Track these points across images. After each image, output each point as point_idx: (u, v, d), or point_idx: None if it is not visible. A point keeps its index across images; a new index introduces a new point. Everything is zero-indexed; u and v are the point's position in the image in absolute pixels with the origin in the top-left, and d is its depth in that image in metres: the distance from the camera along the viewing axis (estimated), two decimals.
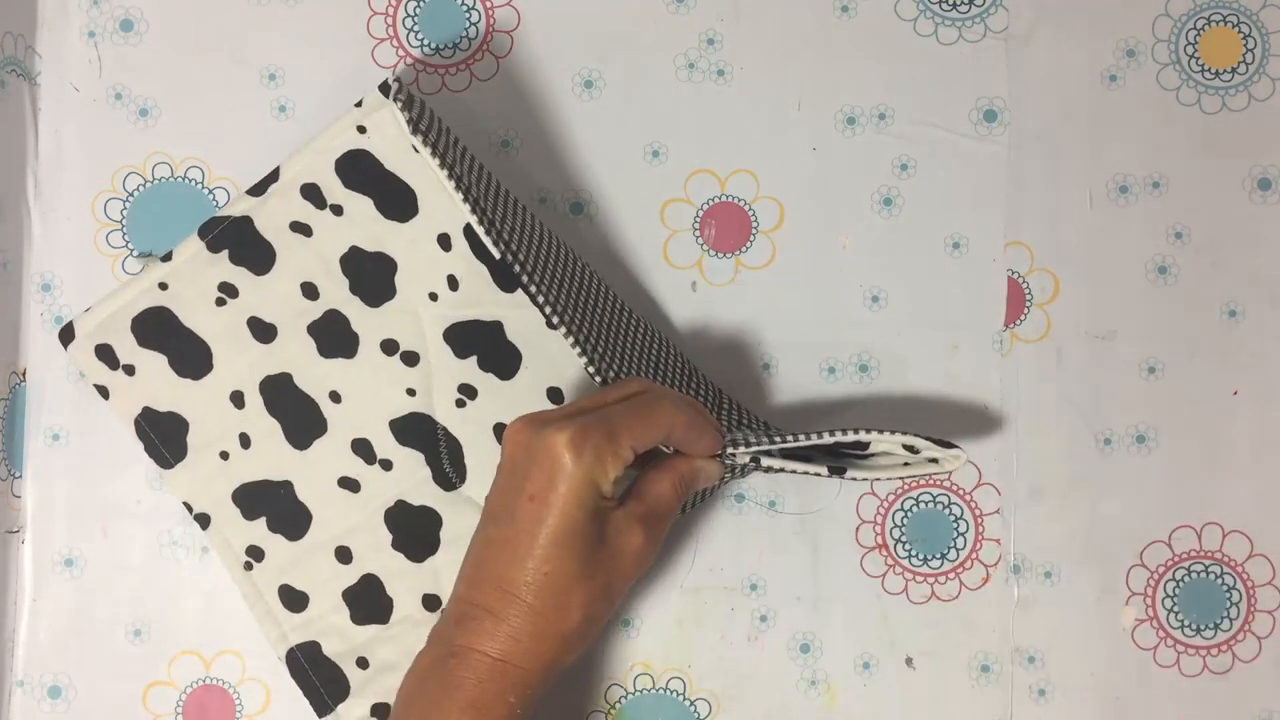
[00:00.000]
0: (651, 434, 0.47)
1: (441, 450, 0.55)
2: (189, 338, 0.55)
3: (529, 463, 0.46)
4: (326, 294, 0.55)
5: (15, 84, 0.57)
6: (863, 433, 0.50)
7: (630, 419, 0.47)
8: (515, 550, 0.46)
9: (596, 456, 0.45)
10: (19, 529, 0.57)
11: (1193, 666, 0.57)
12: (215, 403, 0.55)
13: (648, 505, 0.48)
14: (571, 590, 0.46)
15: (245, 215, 0.55)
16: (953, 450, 0.50)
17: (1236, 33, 0.58)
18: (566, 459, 0.45)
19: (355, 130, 0.54)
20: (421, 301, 0.54)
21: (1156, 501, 0.57)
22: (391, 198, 0.54)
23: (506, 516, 0.47)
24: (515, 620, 0.46)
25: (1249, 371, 0.57)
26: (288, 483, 0.55)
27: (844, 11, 0.58)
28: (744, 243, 0.58)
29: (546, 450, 0.46)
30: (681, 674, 0.57)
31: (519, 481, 0.46)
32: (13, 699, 0.57)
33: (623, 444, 0.46)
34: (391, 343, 0.55)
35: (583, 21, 0.58)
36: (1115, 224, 0.58)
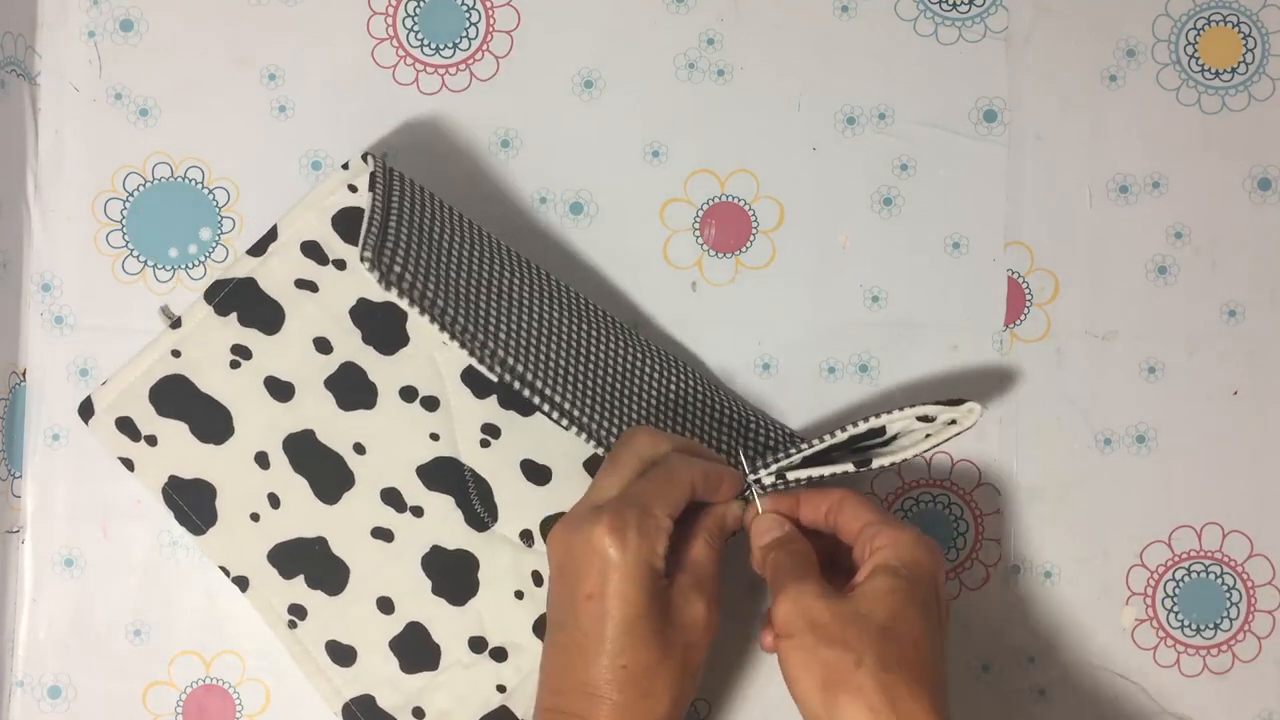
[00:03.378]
0: (679, 496, 0.48)
1: (471, 492, 0.54)
2: (208, 403, 0.54)
3: (577, 563, 0.46)
4: (340, 347, 0.54)
5: (15, 84, 0.57)
6: (874, 419, 0.50)
7: (658, 490, 0.47)
8: (586, 652, 0.46)
9: (640, 537, 0.46)
10: (19, 529, 0.57)
11: (1193, 666, 0.57)
12: (240, 465, 0.54)
13: (694, 573, 0.48)
14: (653, 677, 0.46)
15: (249, 276, 0.54)
16: (966, 404, 0.50)
17: (1236, 33, 0.58)
18: (612, 551, 0.45)
19: (346, 189, 0.54)
20: (435, 346, 0.54)
21: (1156, 501, 0.57)
22: None
23: (571, 621, 0.47)
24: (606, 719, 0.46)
25: (1249, 371, 0.57)
26: (321, 538, 0.54)
27: (844, 11, 0.58)
28: (744, 243, 0.58)
29: (590, 547, 0.46)
30: None
31: (572, 584, 0.46)
32: (13, 699, 0.57)
33: (660, 517, 0.46)
34: (410, 389, 0.54)
35: (583, 21, 0.58)
36: (1115, 224, 0.58)
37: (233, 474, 0.54)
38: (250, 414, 0.54)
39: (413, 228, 0.51)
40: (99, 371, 0.57)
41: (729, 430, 0.55)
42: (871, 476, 0.56)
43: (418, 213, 0.52)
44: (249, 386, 0.54)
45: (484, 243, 0.54)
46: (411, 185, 0.53)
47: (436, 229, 0.53)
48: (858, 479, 0.55)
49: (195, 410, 0.54)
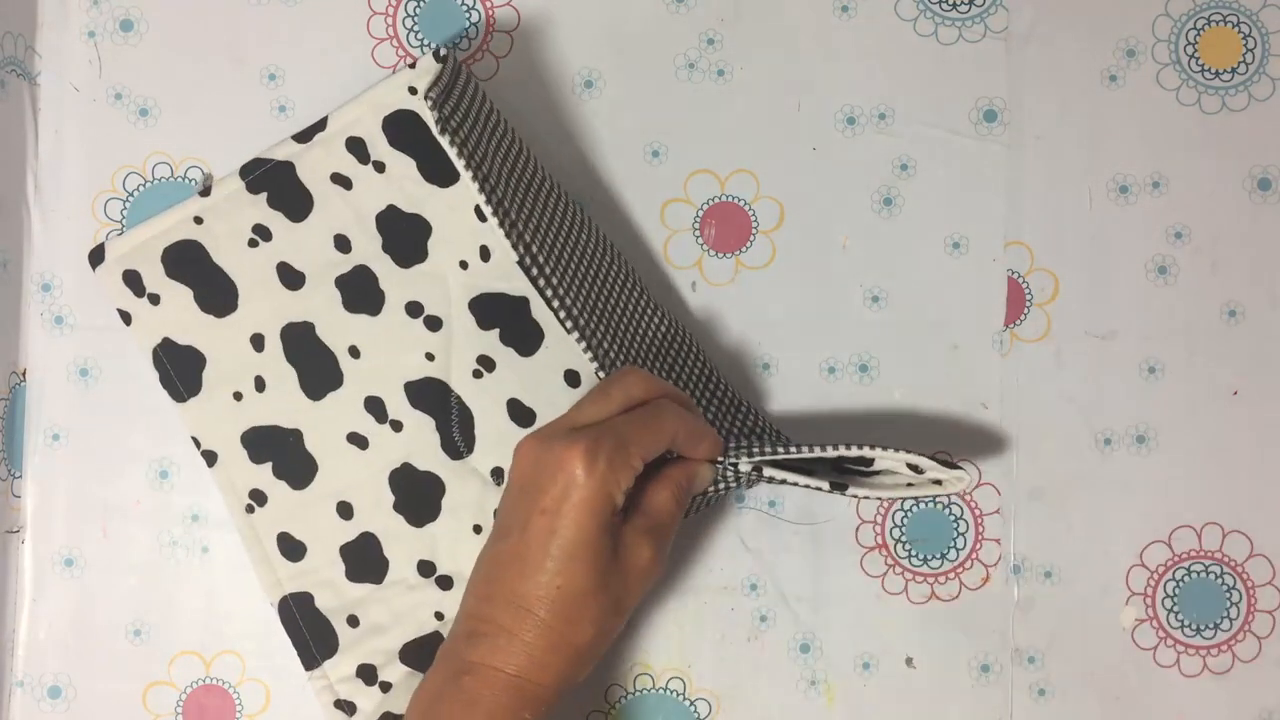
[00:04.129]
0: (659, 443, 0.48)
1: (453, 418, 0.55)
2: (217, 274, 0.55)
3: (540, 476, 0.46)
4: (358, 249, 0.55)
5: (15, 84, 0.57)
6: (867, 449, 0.50)
7: (638, 429, 0.47)
8: (526, 564, 0.46)
9: (610, 468, 0.46)
10: (19, 529, 0.57)
11: (1193, 666, 0.57)
12: (235, 342, 0.55)
13: (652, 518, 0.48)
14: (584, 604, 0.46)
15: (288, 160, 0.55)
16: (957, 471, 0.50)
17: (1236, 33, 0.58)
18: (579, 471, 0.45)
19: (406, 91, 0.54)
20: (451, 268, 0.55)
21: (1156, 501, 0.57)
22: (434, 163, 0.54)
23: (518, 531, 0.47)
24: (529, 635, 0.46)
25: (1249, 371, 0.57)
26: (297, 431, 0.55)
27: (844, 11, 0.58)
28: (744, 243, 0.58)
29: (559, 463, 0.46)
30: (681, 674, 0.57)
31: (531, 496, 0.46)
32: (13, 699, 0.57)
33: (633, 455, 0.46)
34: (416, 305, 0.55)
35: (583, 21, 0.58)
36: (1115, 224, 0.58)
37: (226, 349, 0.55)
38: (256, 295, 0.55)
39: (472, 104, 0.52)
40: (99, 371, 0.57)
41: (719, 403, 0.55)
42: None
43: (479, 101, 0.53)
44: (261, 268, 0.55)
45: (530, 155, 0.55)
46: (476, 84, 0.54)
47: (492, 121, 0.53)
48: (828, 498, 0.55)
49: (203, 279, 0.55)
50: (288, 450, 0.55)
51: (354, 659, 0.54)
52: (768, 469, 0.50)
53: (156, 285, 0.55)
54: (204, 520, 0.57)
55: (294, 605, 0.55)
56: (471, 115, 0.52)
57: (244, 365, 0.55)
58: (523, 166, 0.54)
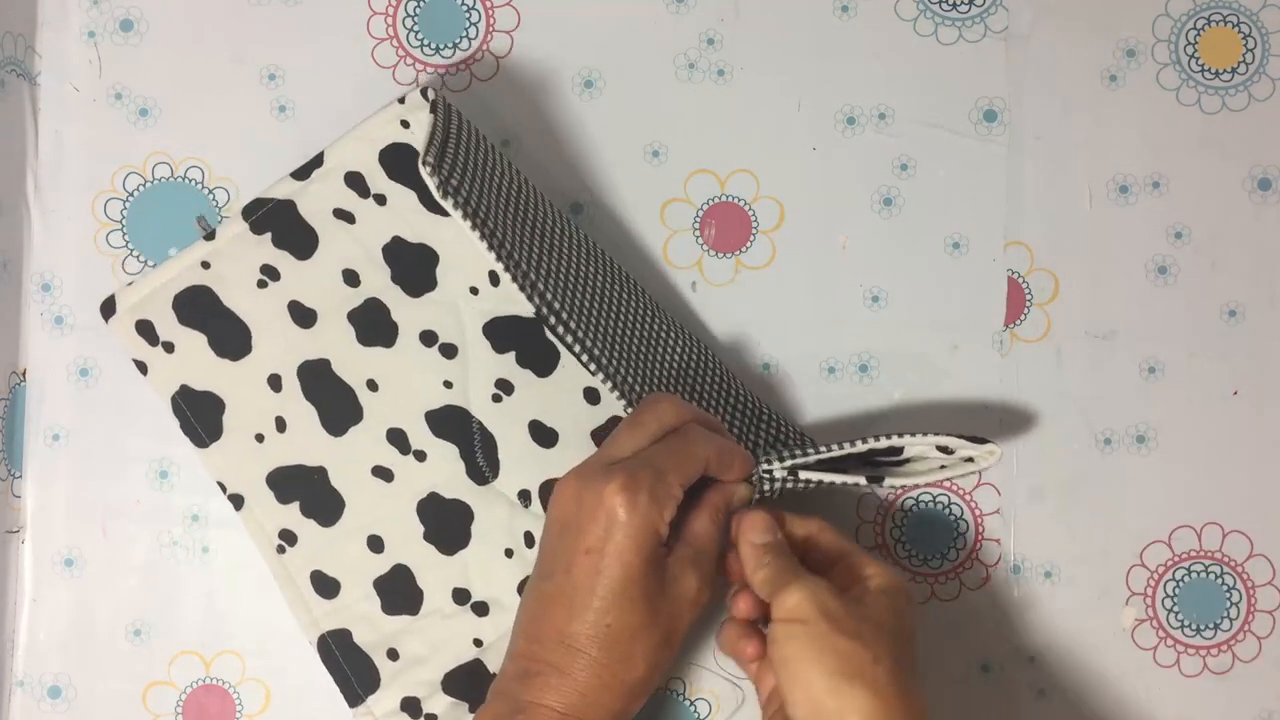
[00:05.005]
0: (694, 468, 0.47)
1: (476, 443, 0.55)
2: (229, 318, 0.55)
3: (582, 515, 0.46)
4: (368, 282, 0.55)
5: (15, 84, 0.57)
6: (895, 438, 0.50)
7: (674, 458, 0.47)
8: (574, 604, 0.46)
9: (652, 501, 0.45)
10: (19, 529, 0.57)
11: (1193, 666, 0.57)
12: (253, 384, 0.55)
13: (694, 546, 0.48)
14: (635, 640, 0.46)
15: (289, 199, 0.55)
16: (987, 445, 0.50)
17: (1236, 33, 0.58)
18: (621, 509, 0.45)
19: (399, 124, 0.55)
20: (462, 294, 0.55)
21: (1156, 501, 0.57)
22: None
23: (562, 571, 0.46)
24: (580, 674, 0.46)
25: (1249, 371, 0.57)
26: (322, 469, 0.55)
27: (844, 11, 0.58)
28: (744, 243, 0.58)
29: (599, 501, 0.46)
30: (681, 674, 0.57)
31: (573, 535, 0.46)
32: (13, 699, 0.57)
33: (673, 484, 0.46)
34: (430, 334, 0.55)
35: (583, 21, 0.58)
36: (1115, 224, 0.58)
37: (244, 392, 0.55)
38: (270, 335, 0.55)
39: (469, 155, 0.52)
40: (99, 371, 0.57)
41: (743, 415, 0.55)
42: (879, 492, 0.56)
43: (473, 145, 0.53)
44: (273, 308, 0.55)
45: (527, 189, 0.55)
46: (467, 123, 0.54)
47: (489, 164, 0.53)
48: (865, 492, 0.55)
49: (216, 324, 0.55)
50: (314, 488, 0.55)
51: (397, 692, 0.54)
52: (803, 472, 0.50)
53: (170, 333, 0.55)
54: (204, 520, 0.57)
55: (332, 643, 0.54)
56: (470, 165, 0.52)
57: (263, 407, 0.55)
58: (522, 203, 0.54)
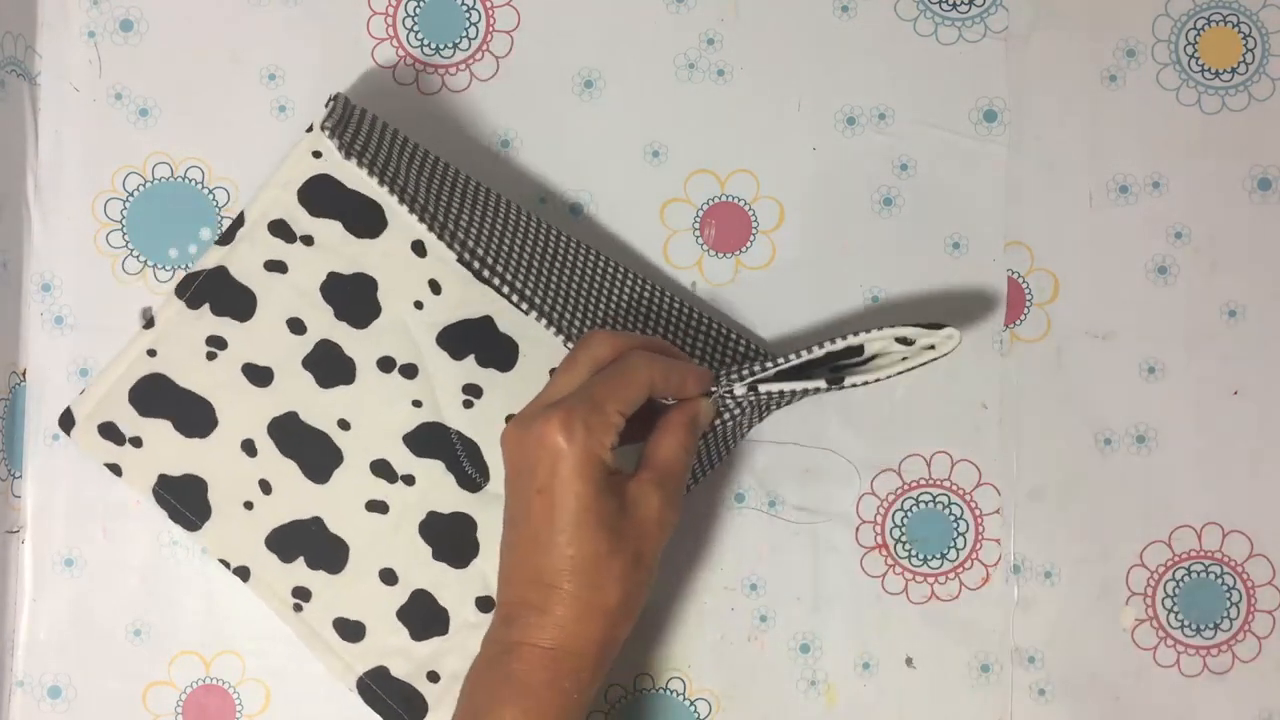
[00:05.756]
0: (633, 393, 0.48)
1: (460, 454, 0.55)
2: (188, 398, 0.54)
3: (527, 460, 0.47)
4: (313, 325, 0.54)
5: (15, 84, 0.57)
6: (851, 337, 0.50)
7: (609, 386, 0.47)
8: (537, 544, 0.47)
9: (587, 430, 0.46)
10: (19, 529, 0.57)
11: (1193, 666, 0.57)
12: (228, 456, 0.54)
13: (657, 469, 0.49)
14: (603, 566, 0.46)
15: (219, 266, 0.54)
16: (945, 330, 0.50)
17: (1236, 33, 0.58)
18: (560, 442, 0.46)
19: (311, 156, 0.54)
20: (408, 312, 0.54)
21: (1156, 501, 0.57)
22: (358, 216, 0.54)
23: (522, 516, 0.47)
24: (557, 608, 0.46)
25: (1249, 371, 0.57)
26: (317, 519, 0.55)
27: (844, 11, 0.58)
28: (744, 243, 0.58)
29: (539, 442, 0.46)
30: (681, 674, 0.57)
31: (524, 480, 0.47)
32: (13, 699, 0.57)
33: (610, 412, 0.47)
34: (388, 360, 0.54)
35: (583, 21, 0.58)
36: (1115, 224, 0.58)
37: (222, 465, 0.54)
38: (232, 403, 0.54)
39: (373, 129, 0.53)
40: (99, 372, 0.57)
41: (704, 337, 0.55)
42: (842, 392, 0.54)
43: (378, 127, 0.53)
44: (228, 376, 0.54)
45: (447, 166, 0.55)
46: (376, 118, 0.54)
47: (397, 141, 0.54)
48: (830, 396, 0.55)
49: (177, 407, 0.54)
50: (314, 539, 0.55)
51: (447, 710, 0.53)
52: (763, 386, 0.50)
53: (134, 428, 0.55)
54: None
55: (371, 682, 0.54)
56: (375, 138, 0.52)
57: (244, 474, 0.55)
58: (441, 173, 0.54)
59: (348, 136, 0.51)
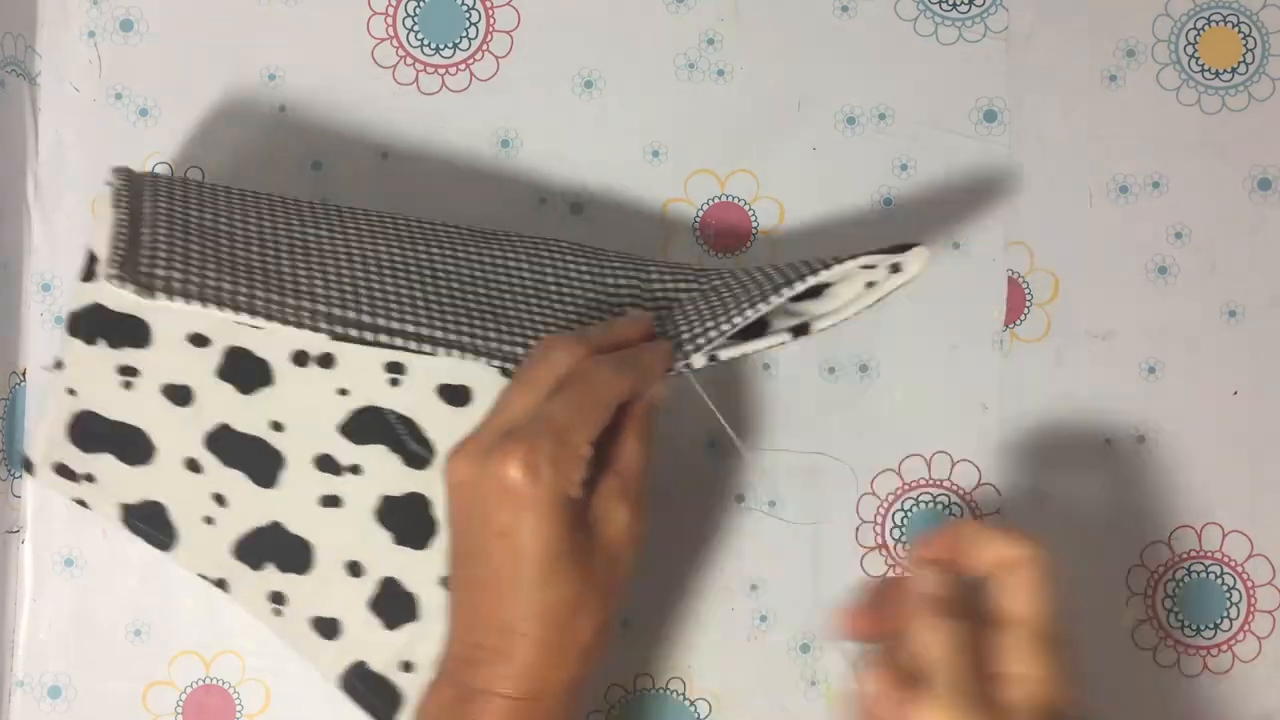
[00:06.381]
0: (600, 414, 0.43)
1: (400, 433, 0.53)
2: (122, 428, 0.53)
3: (483, 499, 0.43)
4: (215, 335, 0.53)
5: (15, 84, 0.57)
6: (811, 277, 0.47)
7: (574, 410, 0.43)
8: (500, 589, 0.43)
9: (554, 468, 0.41)
10: (19, 529, 0.57)
11: (1193, 666, 0.57)
12: (175, 477, 0.54)
13: (620, 476, 0.44)
14: (574, 610, 0.43)
15: (94, 303, 0.53)
16: (912, 249, 0.47)
17: (1236, 33, 0.58)
18: (523, 485, 0.41)
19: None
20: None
21: (1156, 501, 0.57)
22: None
23: (481, 557, 0.43)
24: (523, 656, 0.43)
25: (1249, 371, 0.57)
26: (275, 523, 0.54)
27: (844, 11, 0.58)
28: (744, 243, 0.58)
29: (498, 482, 0.42)
30: (681, 674, 0.57)
31: (480, 520, 0.43)
32: (13, 699, 0.57)
33: (579, 443, 0.42)
34: (301, 354, 0.53)
35: (583, 21, 0.58)
36: (1115, 224, 0.58)
37: (173, 487, 0.54)
38: (163, 426, 0.53)
39: (174, 224, 0.50)
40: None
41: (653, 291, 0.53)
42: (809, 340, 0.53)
43: (179, 208, 0.51)
44: (150, 401, 0.53)
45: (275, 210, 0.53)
46: (168, 183, 0.52)
47: (208, 217, 0.51)
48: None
49: (113, 439, 0.53)
50: (277, 544, 0.54)
51: None
52: (724, 353, 0.48)
53: (83, 465, 0.54)
54: None
55: (354, 677, 0.54)
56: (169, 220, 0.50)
57: (196, 492, 0.54)
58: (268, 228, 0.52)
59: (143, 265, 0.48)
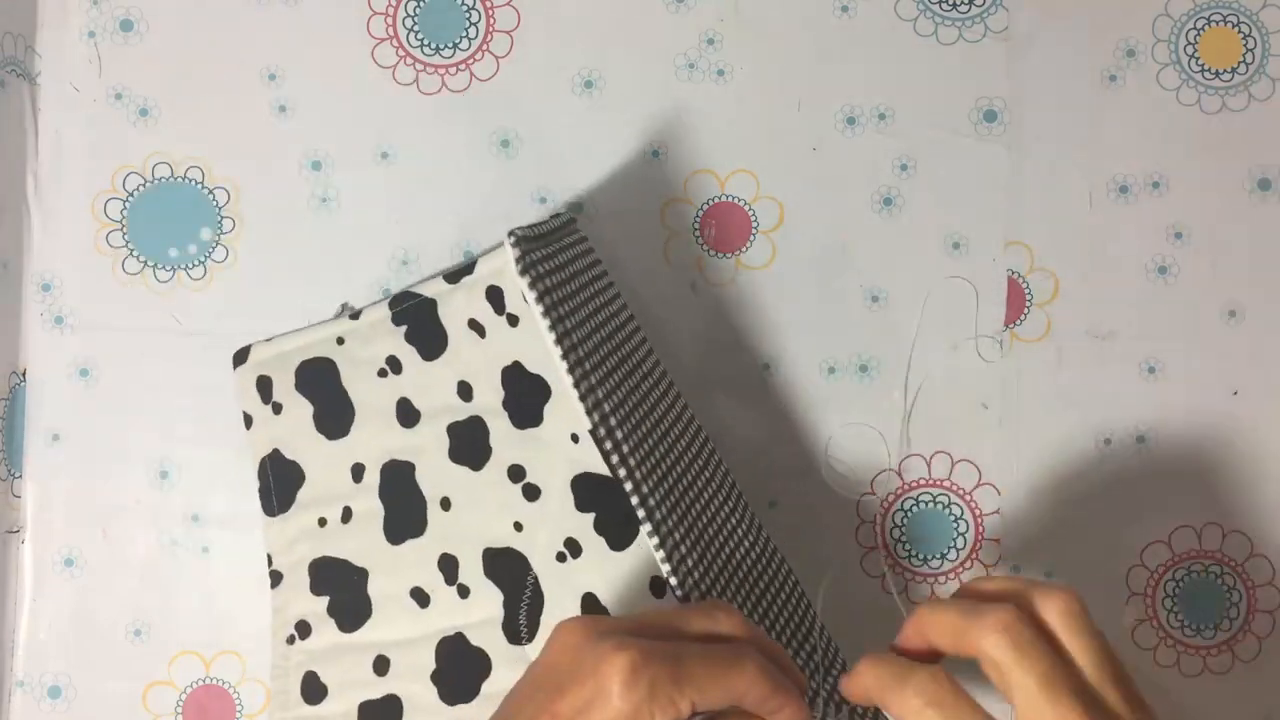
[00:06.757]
0: (721, 695, 0.40)
1: (524, 599, 0.52)
2: (341, 399, 0.54)
3: (572, 671, 0.40)
4: (479, 399, 0.53)
5: (15, 84, 0.58)
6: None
7: (703, 670, 0.40)
8: None
9: (650, 696, 0.38)
10: (19, 529, 0.57)
11: (1193, 666, 0.57)
12: (337, 468, 0.54)
13: None
14: None
15: (432, 298, 0.54)
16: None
17: (1236, 33, 0.58)
18: (615, 687, 0.38)
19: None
20: (562, 438, 0.52)
21: (1156, 501, 0.57)
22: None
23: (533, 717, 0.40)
24: None
25: (1249, 371, 0.57)
26: (365, 571, 0.53)
27: (844, 11, 0.58)
28: (744, 243, 0.58)
29: (595, 667, 0.39)
30: None
31: (551, 689, 0.40)
32: (13, 699, 0.57)
33: (685, 693, 0.39)
34: (519, 469, 0.52)
35: (583, 21, 0.58)
36: (1115, 224, 0.58)
37: (326, 473, 0.54)
38: (371, 425, 0.54)
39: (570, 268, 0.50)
40: (99, 371, 0.57)
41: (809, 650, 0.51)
42: None
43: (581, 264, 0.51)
44: (383, 399, 0.54)
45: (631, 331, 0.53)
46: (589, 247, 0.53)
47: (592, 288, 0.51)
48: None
49: (327, 399, 0.54)
50: (348, 589, 0.53)
51: None
52: None
53: (283, 395, 0.55)
54: (204, 520, 0.57)
55: None
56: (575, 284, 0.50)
57: (338, 492, 0.54)
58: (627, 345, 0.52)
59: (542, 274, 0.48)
